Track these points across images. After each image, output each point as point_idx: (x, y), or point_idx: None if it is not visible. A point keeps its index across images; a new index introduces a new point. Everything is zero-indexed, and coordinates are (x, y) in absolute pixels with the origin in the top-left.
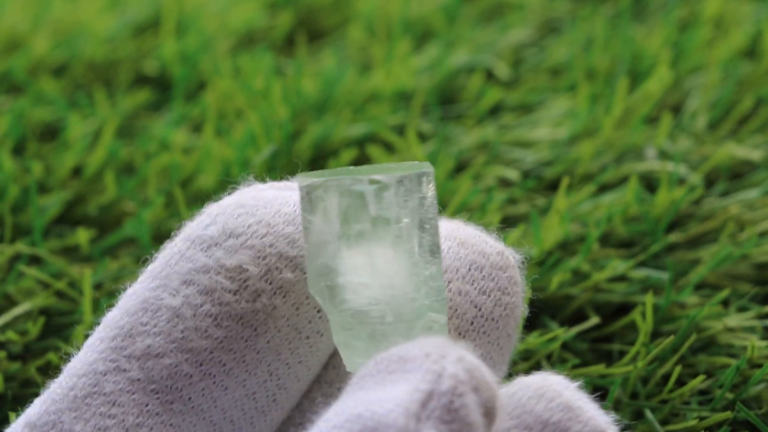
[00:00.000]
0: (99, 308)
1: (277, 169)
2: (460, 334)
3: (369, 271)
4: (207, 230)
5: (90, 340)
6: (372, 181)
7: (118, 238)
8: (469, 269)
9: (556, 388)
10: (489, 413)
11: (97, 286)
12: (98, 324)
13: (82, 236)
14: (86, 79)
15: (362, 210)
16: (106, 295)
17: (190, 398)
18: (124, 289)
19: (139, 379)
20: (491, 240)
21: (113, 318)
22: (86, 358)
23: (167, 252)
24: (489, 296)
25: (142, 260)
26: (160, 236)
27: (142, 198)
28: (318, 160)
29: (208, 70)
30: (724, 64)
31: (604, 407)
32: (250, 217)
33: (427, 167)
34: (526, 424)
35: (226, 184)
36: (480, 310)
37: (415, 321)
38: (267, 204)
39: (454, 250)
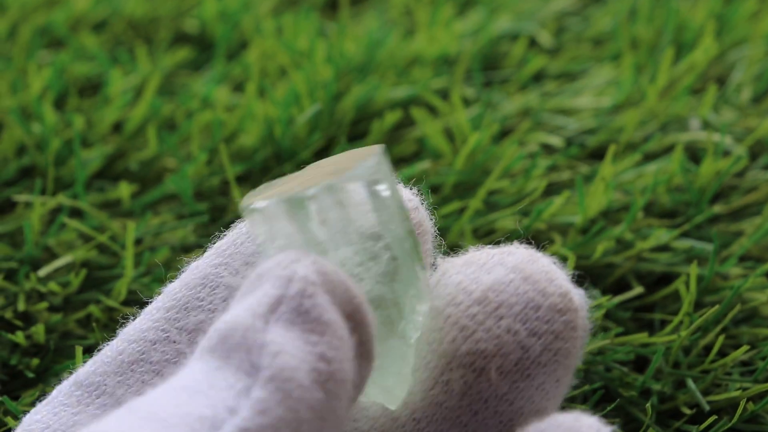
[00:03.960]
0: (141, 263)
1: (320, 129)
2: (501, 373)
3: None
4: None
5: (148, 308)
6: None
7: (160, 193)
8: (524, 307)
9: None
10: (352, 315)
11: (138, 241)
12: (159, 293)
13: (124, 190)
14: (126, 35)
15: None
16: (148, 250)
17: None
18: (188, 263)
19: (185, 353)
20: (559, 278)
21: (173, 289)
22: (140, 326)
23: (236, 232)
24: (540, 339)
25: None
26: (201, 193)
27: (184, 154)
28: (361, 122)
29: (249, 30)
30: None
31: (645, 376)
32: None
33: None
34: None
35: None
36: (527, 352)
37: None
38: None
39: (516, 284)
